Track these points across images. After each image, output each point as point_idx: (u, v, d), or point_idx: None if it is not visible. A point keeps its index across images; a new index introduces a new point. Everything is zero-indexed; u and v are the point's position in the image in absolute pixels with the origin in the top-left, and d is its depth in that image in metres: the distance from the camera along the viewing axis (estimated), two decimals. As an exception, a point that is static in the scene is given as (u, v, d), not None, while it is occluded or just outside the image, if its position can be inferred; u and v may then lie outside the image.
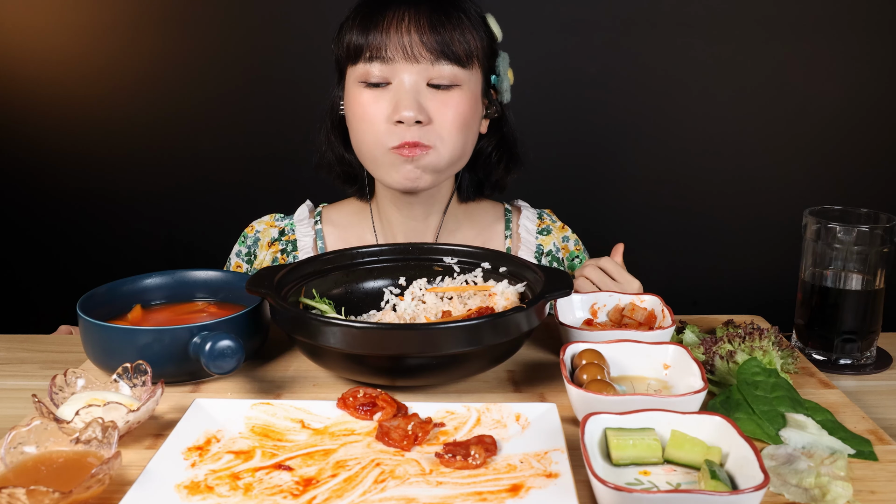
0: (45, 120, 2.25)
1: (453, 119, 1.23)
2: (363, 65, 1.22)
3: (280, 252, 1.42)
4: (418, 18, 1.20)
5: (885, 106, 2.20)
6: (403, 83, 1.21)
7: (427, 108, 1.21)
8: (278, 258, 1.42)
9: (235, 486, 0.76)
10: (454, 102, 1.23)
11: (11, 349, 1.17)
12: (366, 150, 1.26)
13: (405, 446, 0.82)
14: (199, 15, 2.18)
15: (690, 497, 0.68)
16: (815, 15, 2.15)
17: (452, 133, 1.24)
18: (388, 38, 1.19)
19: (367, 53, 1.21)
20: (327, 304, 1.09)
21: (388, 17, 1.20)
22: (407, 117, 1.19)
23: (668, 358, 0.95)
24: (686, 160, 2.26)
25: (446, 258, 1.18)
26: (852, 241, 1.09)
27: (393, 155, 1.22)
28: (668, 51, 2.18)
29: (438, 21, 1.20)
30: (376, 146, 1.23)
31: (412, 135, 1.21)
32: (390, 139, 1.21)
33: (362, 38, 1.21)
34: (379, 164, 1.25)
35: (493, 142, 1.37)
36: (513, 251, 1.44)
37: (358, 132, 1.26)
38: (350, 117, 1.27)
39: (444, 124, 1.22)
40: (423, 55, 1.20)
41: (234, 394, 0.98)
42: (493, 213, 1.47)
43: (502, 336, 0.93)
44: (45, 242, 2.29)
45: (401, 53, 1.19)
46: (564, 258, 1.46)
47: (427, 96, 1.22)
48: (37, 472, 0.75)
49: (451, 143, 1.24)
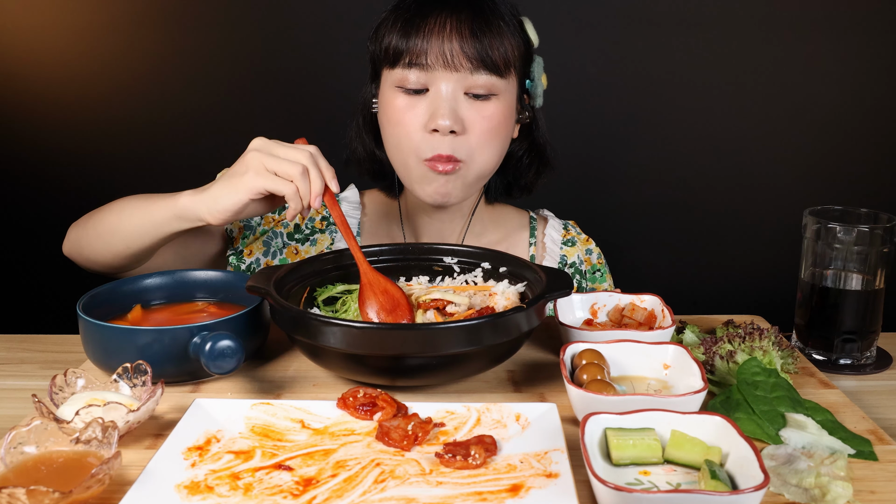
0: (46, 120, 2.25)
1: (487, 130, 1.22)
2: (401, 70, 1.20)
3: (320, 217, 1.41)
4: (460, 26, 1.18)
5: (885, 106, 2.20)
6: (441, 91, 1.20)
7: (462, 118, 1.20)
8: (316, 220, 1.40)
9: (235, 486, 0.76)
10: (489, 113, 1.22)
11: (11, 349, 1.17)
12: (398, 156, 1.25)
13: (405, 446, 0.82)
14: (199, 15, 2.18)
15: (690, 497, 0.68)
16: (815, 15, 2.15)
17: (484, 144, 1.23)
18: (428, 45, 1.18)
19: (406, 59, 1.19)
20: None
21: (429, 23, 1.19)
22: (443, 126, 1.18)
23: (668, 358, 0.95)
24: (686, 160, 2.26)
25: (446, 258, 1.18)
26: (852, 241, 1.09)
27: (425, 167, 1.22)
28: (667, 51, 2.18)
29: (479, 29, 1.19)
30: (409, 154, 1.22)
31: (446, 147, 1.20)
32: (424, 150, 1.21)
33: (402, 42, 1.19)
34: (411, 173, 1.25)
35: (525, 146, 1.37)
36: (537, 259, 1.44)
37: (392, 137, 1.25)
38: (384, 120, 1.26)
39: (478, 135, 1.22)
40: (463, 64, 1.19)
41: (234, 394, 0.98)
42: (519, 220, 1.48)
43: (502, 336, 0.93)
44: (44, 242, 2.28)
45: (441, 61, 1.18)
46: (586, 270, 1.46)
47: (463, 105, 1.21)
48: (37, 472, 0.75)
49: (483, 155, 1.24)
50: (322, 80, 2.17)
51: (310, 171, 1.04)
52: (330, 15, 2.16)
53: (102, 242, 1.17)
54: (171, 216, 1.11)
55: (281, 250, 1.38)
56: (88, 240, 1.19)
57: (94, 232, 1.20)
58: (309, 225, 1.39)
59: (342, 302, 1.10)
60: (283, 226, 1.38)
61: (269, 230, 1.38)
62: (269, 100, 2.22)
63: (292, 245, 1.38)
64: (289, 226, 1.39)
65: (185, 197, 1.10)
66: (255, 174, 1.03)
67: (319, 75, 2.18)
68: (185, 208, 1.09)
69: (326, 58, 2.17)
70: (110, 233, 1.17)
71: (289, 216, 1.05)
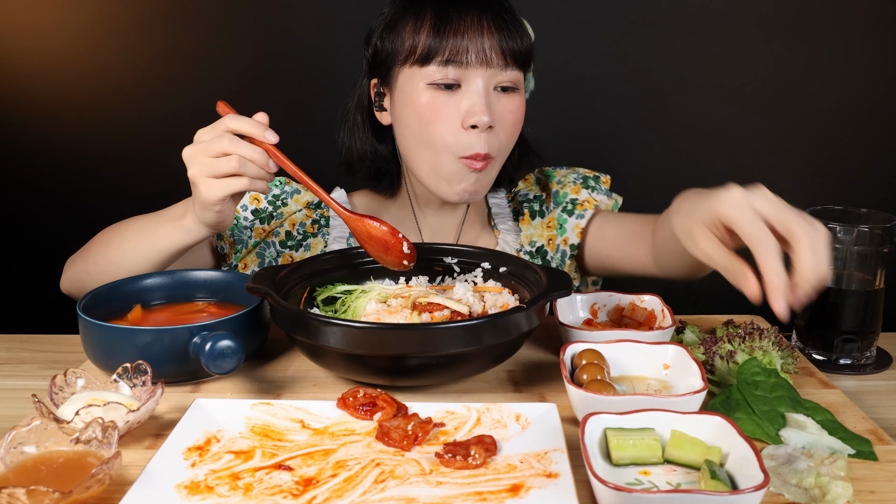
0: (46, 120, 2.25)
1: (513, 124, 1.24)
2: (437, 67, 1.19)
3: (311, 221, 1.39)
4: (490, 23, 1.20)
5: (886, 106, 2.20)
6: (478, 87, 1.20)
7: (493, 113, 1.21)
8: (307, 224, 1.38)
9: (235, 486, 0.76)
10: (515, 107, 1.24)
11: (11, 349, 1.17)
12: (428, 154, 1.23)
13: (405, 446, 0.82)
14: (199, 14, 2.18)
15: (690, 497, 0.68)
16: (815, 15, 2.15)
17: (511, 138, 1.25)
18: (468, 42, 1.18)
19: (442, 56, 1.19)
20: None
21: (466, 20, 1.19)
22: (483, 122, 1.18)
23: (668, 358, 0.95)
24: (685, 159, 2.25)
25: (446, 258, 1.18)
26: (852, 241, 1.09)
27: (459, 165, 1.21)
28: (667, 51, 2.18)
29: (506, 25, 1.21)
30: (443, 152, 1.21)
31: (482, 144, 1.20)
32: (461, 147, 1.20)
33: (437, 40, 1.19)
34: (441, 170, 1.23)
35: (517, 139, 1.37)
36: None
37: (421, 135, 1.23)
38: (410, 119, 1.23)
39: (507, 129, 1.23)
40: (497, 59, 1.20)
41: (234, 394, 0.98)
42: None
43: (502, 336, 0.93)
44: (44, 242, 2.29)
45: (478, 58, 1.19)
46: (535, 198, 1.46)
47: (493, 100, 1.21)
48: (37, 472, 0.75)
49: (508, 149, 1.26)
50: (323, 80, 2.17)
51: (243, 150, 1.04)
52: (331, 15, 2.15)
53: (107, 277, 1.16)
54: (179, 240, 1.14)
55: (276, 259, 1.37)
56: (91, 277, 1.19)
57: (96, 269, 1.20)
58: (301, 231, 1.38)
59: (342, 302, 1.10)
60: (274, 235, 1.37)
61: (260, 241, 1.37)
62: (270, 99, 2.22)
63: (286, 253, 1.37)
64: (280, 234, 1.38)
65: (188, 220, 1.12)
66: (206, 188, 1.04)
67: (321, 75, 2.17)
68: (192, 231, 1.12)
69: (327, 58, 2.16)
70: (115, 266, 1.17)
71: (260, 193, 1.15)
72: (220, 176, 1.04)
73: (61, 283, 1.29)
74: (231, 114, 1.07)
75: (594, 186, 1.42)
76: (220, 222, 1.10)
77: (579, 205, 1.39)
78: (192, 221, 1.11)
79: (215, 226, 1.10)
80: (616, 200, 1.45)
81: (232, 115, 1.07)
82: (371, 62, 1.30)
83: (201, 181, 1.05)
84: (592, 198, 1.40)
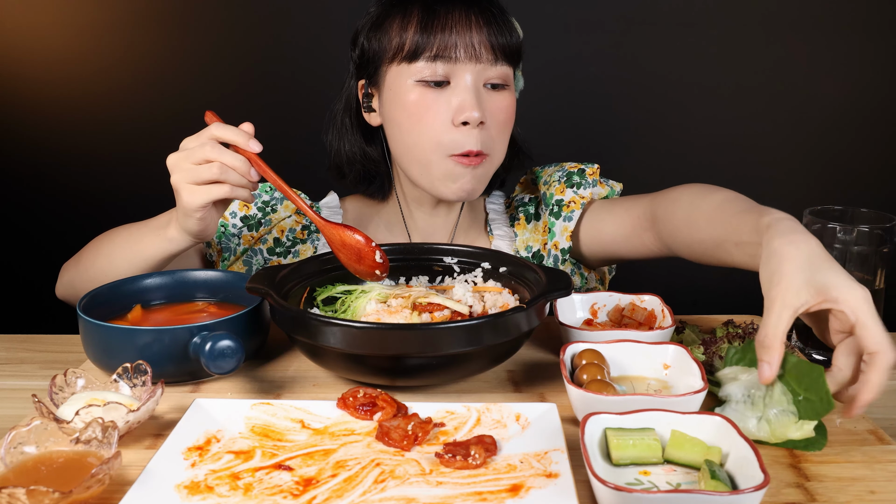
0: (46, 120, 2.25)
1: (504, 121, 1.24)
2: (425, 63, 1.19)
3: (301, 227, 1.38)
4: (478, 18, 1.19)
5: (886, 106, 2.20)
6: (466, 82, 1.19)
7: (484, 109, 1.21)
8: (297, 231, 1.37)
9: (235, 486, 0.76)
10: (506, 104, 1.23)
11: (11, 349, 1.17)
12: (417, 153, 1.23)
13: (405, 446, 0.82)
14: (199, 14, 2.19)
15: (690, 497, 0.68)
16: (816, 15, 2.15)
17: (503, 135, 1.25)
18: (457, 38, 1.18)
19: (430, 52, 1.18)
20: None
21: (453, 16, 1.19)
22: (474, 118, 1.18)
23: (668, 358, 0.95)
24: (686, 160, 2.26)
25: (446, 258, 1.18)
26: (852, 241, 1.09)
27: (451, 163, 1.21)
28: (667, 51, 2.18)
29: (495, 21, 1.20)
30: (435, 150, 1.21)
31: (474, 141, 1.19)
32: (452, 145, 1.20)
33: (425, 36, 1.18)
34: (432, 170, 1.23)
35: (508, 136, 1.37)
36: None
37: (410, 134, 1.22)
38: (399, 117, 1.23)
39: (497, 126, 1.23)
40: (486, 54, 1.19)
41: (234, 394, 0.98)
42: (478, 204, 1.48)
43: (502, 336, 0.93)
44: (44, 242, 2.29)
45: (467, 53, 1.18)
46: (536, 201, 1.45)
47: (483, 96, 1.21)
48: (37, 472, 0.75)
49: (500, 146, 1.25)
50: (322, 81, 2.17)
51: (225, 158, 1.04)
52: (331, 14, 2.16)
53: (97, 285, 1.17)
54: (163, 249, 1.14)
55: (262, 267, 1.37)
56: (83, 284, 1.19)
57: (86, 276, 1.21)
58: (290, 237, 1.37)
59: (342, 302, 1.10)
60: (262, 242, 1.37)
61: (248, 248, 1.36)
62: (270, 99, 2.22)
63: (274, 260, 1.36)
64: (268, 241, 1.37)
65: (171, 229, 1.13)
66: (188, 195, 1.05)
67: (320, 76, 2.17)
68: (175, 240, 1.13)
69: (327, 58, 2.17)
70: (104, 274, 1.18)
71: (243, 202, 1.13)
72: (202, 182, 1.05)
73: (56, 289, 1.30)
74: (217, 122, 1.08)
75: (579, 182, 1.36)
76: (202, 230, 1.10)
77: (565, 206, 1.36)
78: (175, 230, 1.12)
79: (198, 234, 1.11)
80: (612, 188, 1.40)
81: (217, 124, 1.07)
82: (358, 63, 1.30)
83: (183, 187, 1.06)
84: (579, 195, 1.35)
